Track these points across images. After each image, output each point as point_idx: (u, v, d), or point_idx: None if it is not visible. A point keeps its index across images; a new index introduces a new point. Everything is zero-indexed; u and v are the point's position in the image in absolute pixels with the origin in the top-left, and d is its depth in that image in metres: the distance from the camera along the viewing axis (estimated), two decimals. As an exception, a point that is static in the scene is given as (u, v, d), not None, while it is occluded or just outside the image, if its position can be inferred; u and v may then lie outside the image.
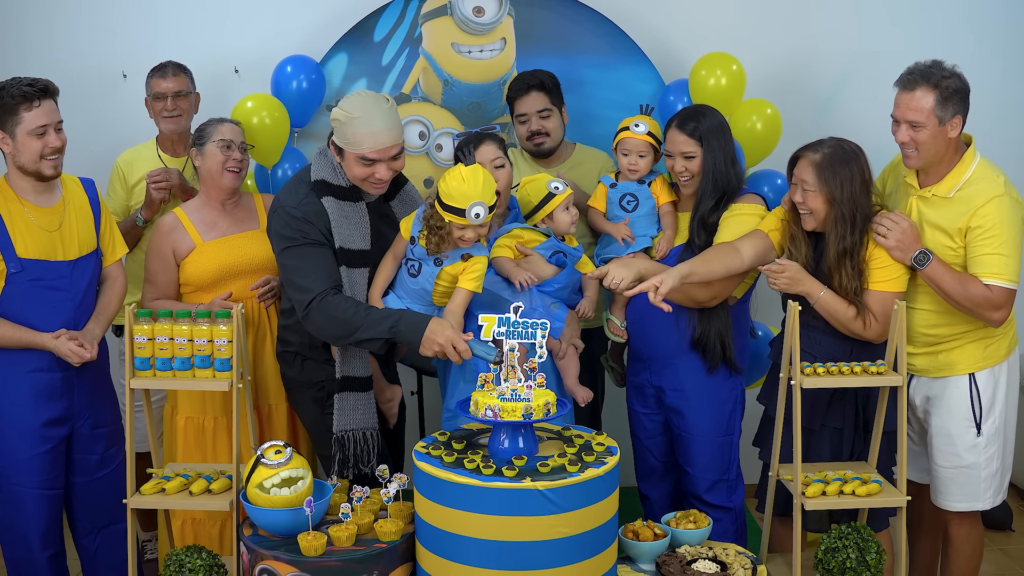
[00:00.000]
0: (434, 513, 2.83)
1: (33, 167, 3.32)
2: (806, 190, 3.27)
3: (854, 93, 4.62)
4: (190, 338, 3.11)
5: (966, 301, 3.22)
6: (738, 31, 4.55)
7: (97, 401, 3.50)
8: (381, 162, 3.21)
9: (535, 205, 3.38)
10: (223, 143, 3.62)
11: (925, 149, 3.26)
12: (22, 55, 4.40)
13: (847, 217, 3.24)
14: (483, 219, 3.14)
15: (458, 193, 3.11)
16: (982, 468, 3.39)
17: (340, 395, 3.34)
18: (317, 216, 3.24)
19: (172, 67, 4.09)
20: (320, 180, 3.27)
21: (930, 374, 3.43)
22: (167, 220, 3.68)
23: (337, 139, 3.25)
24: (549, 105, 3.92)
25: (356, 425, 3.35)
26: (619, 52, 4.36)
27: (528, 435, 2.94)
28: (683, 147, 3.46)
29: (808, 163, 3.27)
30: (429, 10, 4.35)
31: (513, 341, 2.93)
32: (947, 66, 3.26)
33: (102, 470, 3.53)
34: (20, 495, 3.41)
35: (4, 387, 3.38)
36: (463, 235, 3.17)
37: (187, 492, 3.16)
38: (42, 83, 3.31)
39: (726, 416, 3.61)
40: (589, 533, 2.81)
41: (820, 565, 3.12)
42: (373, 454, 3.37)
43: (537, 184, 3.41)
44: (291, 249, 3.24)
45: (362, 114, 3.18)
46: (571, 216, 3.40)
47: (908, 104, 3.24)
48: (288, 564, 2.86)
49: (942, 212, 3.30)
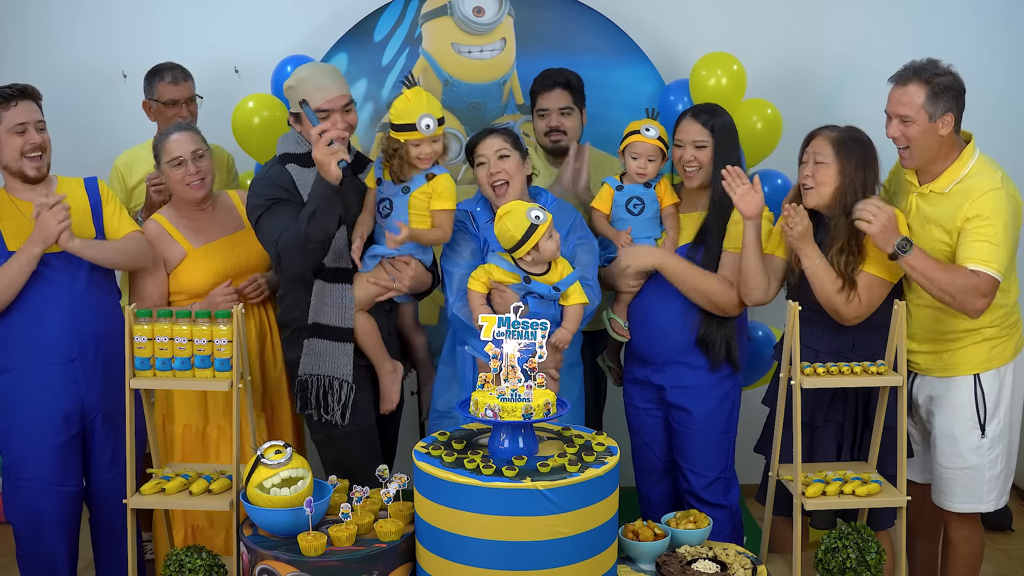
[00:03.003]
0: (434, 513, 2.83)
1: (16, 165, 3.39)
2: (819, 162, 3.30)
3: (854, 93, 4.61)
4: (190, 338, 3.10)
5: (951, 288, 3.19)
6: (738, 31, 4.55)
7: (111, 397, 3.49)
8: (335, 112, 3.39)
9: (518, 240, 3.30)
10: (173, 162, 3.59)
11: (916, 145, 3.28)
12: (21, 55, 4.40)
13: (855, 196, 3.26)
14: (434, 130, 3.33)
15: (405, 110, 3.33)
16: (985, 470, 3.39)
17: (309, 340, 3.43)
18: (280, 177, 3.41)
19: (180, 72, 4.08)
20: (284, 153, 3.46)
21: (934, 373, 3.43)
22: (151, 228, 3.63)
23: (292, 107, 3.45)
24: (571, 104, 3.93)
25: (321, 371, 3.42)
26: (619, 52, 4.36)
27: (528, 435, 2.94)
28: (696, 135, 3.51)
29: (825, 139, 3.33)
30: (429, 10, 4.35)
31: (513, 341, 2.93)
32: (942, 64, 3.29)
33: (114, 469, 3.53)
34: (35, 491, 3.43)
35: (19, 382, 3.40)
36: (420, 152, 3.35)
37: (187, 492, 3.16)
38: (21, 86, 3.42)
39: (726, 413, 3.63)
40: (589, 533, 2.80)
41: (820, 565, 3.12)
42: (336, 405, 3.43)
43: (515, 216, 3.28)
44: (262, 216, 3.37)
45: (308, 74, 3.45)
46: (555, 243, 3.34)
47: (899, 99, 3.28)
48: (288, 564, 2.86)
49: (939, 208, 3.30)
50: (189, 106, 4.08)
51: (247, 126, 4.11)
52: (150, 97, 4.09)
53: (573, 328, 3.40)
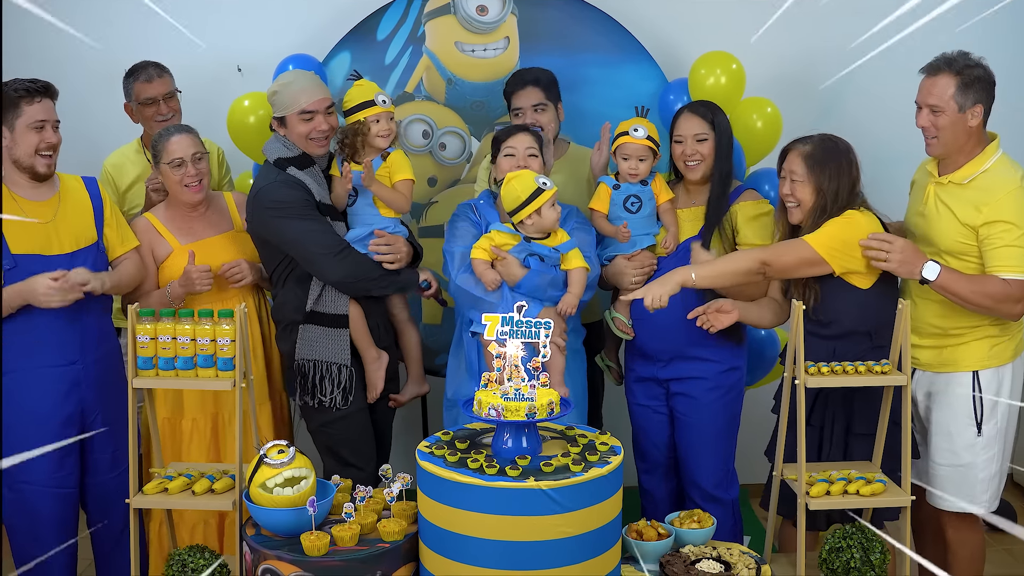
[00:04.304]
0: (437, 513, 2.82)
1: (28, 161, 3.38)
2: (794, 180, 3.32)
3: (854, 92, 4.60)
4: (193, 337, 3.10)
5: (984, 300, 3.22)
6: (738, 30, 4.53)
7: (109, 399, 3.49)
8: (319, 114, 3.57)
9: (523, 200, 3.38)
10: (173, 163, 3.60)
11: (944, 135, 3.30)
12: (17, 55, 4.38)
13: (827, 209, 3.26)
14: (389, 105, 3.60)
15: (359, 93, 3.60)
16: (979, 469, 3.39)
17: (304, 327, 3.57)
18: (290, 180, 3.53)
19: (155, 68, 4.03)
20: (277, 159, 3.58)
21: (933, 369, 3.43)
22: (139, 224, 3.68)
23: (277, 111, 3.60)
24: (544, 100, 3.92)
25: (317, 356, 3.56)
26: (622, 50, 4.35)
27: (532, 435, 2.93)
28: (697, 128, 3.55)
29: (798, 154, 3.33)
30: (432, 9, 4.34)
31: (517, 340, 2.92)
32: (973, 56, 3.32)
33: (114, 470, 3.54)
34: (32, 492, 3.42)
35: (17, 383, 3.38)
36: (380, 130, 3.57)
37: (190, 492, 3.15)
38: (44, 82, 3.41)
39: (731, 405, 3.67)
40: (593, 533, 2.80)
41: (824, 565, 3.11)
42: (336, 388, 3.55)
43: (524, 180, 3.40)
44: (296, 215, 3.49)
45: (292, 79, 3.64)
46: (556, 212, 3.42)
47: (930, 89, 3.31)
48: (291, 564, 2.86)
49: (955, 198, 3.32)
50: (169, 102, 4.04)
51: (242, 124, 4.09)
52: (129, 100, 4.07)
53: (578, 292, 3.46)
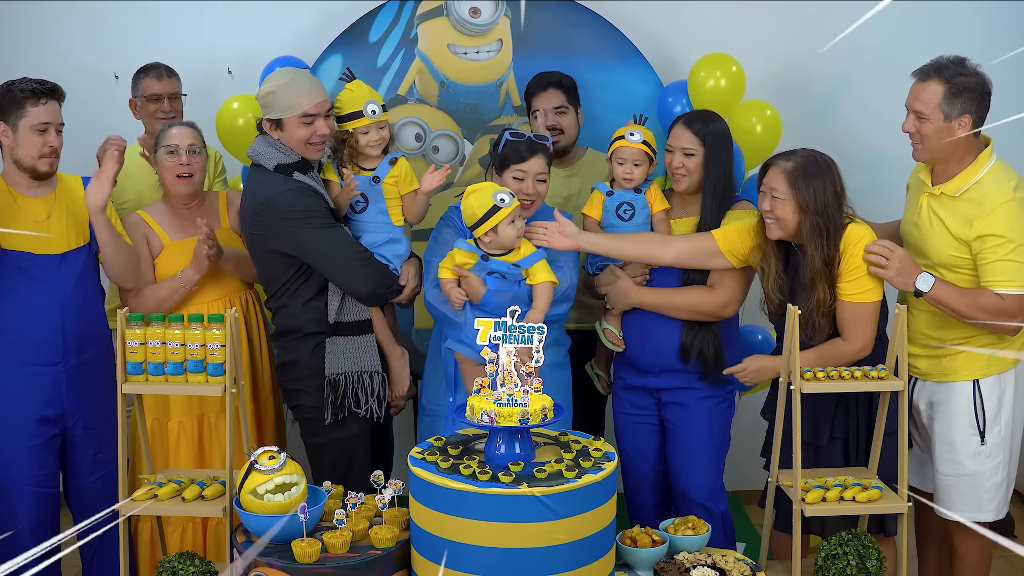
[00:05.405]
0: (430, 519, 2.80)
1: (30, 163, 3.37)
2: (775, 198, 3.23)
3: (854, 95, 4.59)
4: (183, 342, 3.07)
5: (978, 313, 3.16)
6: (737, 32, 4.52)
7: (92, 402, 3.47)
8: (319, 117, 3.40)
9: (479, 217, 3.29)
10: (167, 148, 3.60)
11: (929, 142, 3.24)
12: (13, 56, 4.36)
13: (822, 229, 3.19)
14: (379, 115, 3.46)
15: (349, 100, 3.46)
16: (985, 478, 3.35)
17: (331, 340, 3.44)
18: (313, 190, 3.39)
19: (165, 69, 4.10)
20: (277, 164, 3.40)
21: (933, 378, 3.40)
22: (131, 219, 3.67)
23: (272, 113, 3.40)
24: (565, 103, 3.96)
25: (349, 368, 3.44)
26: (617, 54, 4.34)
27: (525, 440, 2.91)
28: (685, 143, 3.48)
29: (780, 171, 3.23)
30: (425, 11, 4.32)
31: (510, 346, 2.90)
32: (969, 64, 3.22)
33: (95, 473, 3.52)
34: (10, 491, 3.40)
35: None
36: (368, 140, 3.46)
37: (180, 498, 3.13)
38: (52, 84, 3.39)
39: (722, 418, 3.62)
40: (586, 539, 2.78)
41: (820, 572, 3.09)
42: (371, 397, 3.45)
43: (482, 195, 3.29)
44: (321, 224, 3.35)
45: (290, 79, 3.43)
46: (516, 230, 3.32)
47: (918, 95, 3.24)
48: (282, 571, 2.84)
49: (949, 211, 3.27)
50: (173, 103, 4.09)
51: (231, 127, 4.08)
52: (135, 95, 4.11)
53: (543, 307, 3.36)
